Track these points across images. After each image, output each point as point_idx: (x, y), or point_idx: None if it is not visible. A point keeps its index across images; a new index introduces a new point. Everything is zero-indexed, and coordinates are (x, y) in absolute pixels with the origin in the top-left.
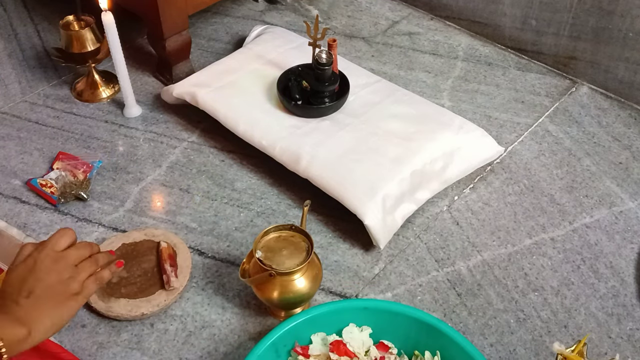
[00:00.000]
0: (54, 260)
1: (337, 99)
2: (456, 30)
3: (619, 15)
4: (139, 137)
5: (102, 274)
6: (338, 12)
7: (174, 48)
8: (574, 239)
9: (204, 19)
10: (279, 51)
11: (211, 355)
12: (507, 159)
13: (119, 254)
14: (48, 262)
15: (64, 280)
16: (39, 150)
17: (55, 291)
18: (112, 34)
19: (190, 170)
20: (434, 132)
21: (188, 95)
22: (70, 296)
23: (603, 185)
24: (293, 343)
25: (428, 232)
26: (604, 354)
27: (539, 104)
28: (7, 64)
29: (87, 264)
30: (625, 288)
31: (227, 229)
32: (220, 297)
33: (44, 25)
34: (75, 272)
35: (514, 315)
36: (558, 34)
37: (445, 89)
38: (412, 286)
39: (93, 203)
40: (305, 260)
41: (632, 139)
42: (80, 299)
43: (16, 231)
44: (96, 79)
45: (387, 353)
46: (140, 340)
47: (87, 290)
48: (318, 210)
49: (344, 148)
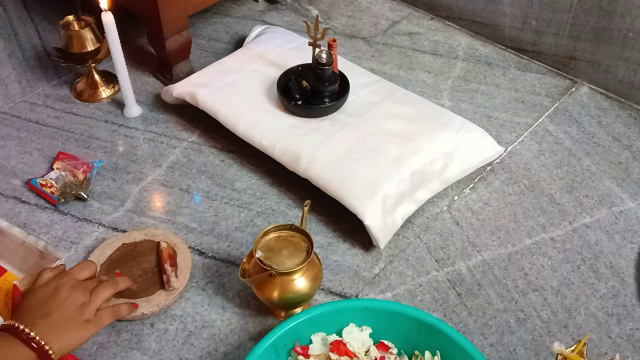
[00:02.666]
0: (72, 287)
1: (337, 99)
2: (456, 30)
3: (619, 15)
4: (139, 137)
5: (119, 308)
6: (338, 12)
7: (174, 48)
8: (574, 239)
9: (204, 19)
10: (279, 51)
11: (211, 355)
12: (507, 159)
13: (119, 254)
14: (67, 289)
15: (78, 306)
16: (39, 150)
17: (69, 317)
18: (112, 34)
19: (190, 170)
20: (434, 132)
21: (188, 95)
22: (82, 323)
23: (603, 185)
24: (293, 343)
25: (428, 232)
26: (604, 354)
27: (539, 104)
28: (7, 64)
29: (103, 288)
30: (625, 288)
31: (227, 229)
32: (220, 297)
33: (44, 25)
34: (90, 300)
35: (514, 315)
36: (558, 34)
37: (445, 89)
38: (412, 286)
39: (93, 203)
40: (305, 260)
41: (632, 139)
42: (91, 328)
43: (18, 230)
44: (96, 79)
45: (387, 353)
46: (140, 340)
47: (100, 321)
48: (318, 210)
49: (344, 148)
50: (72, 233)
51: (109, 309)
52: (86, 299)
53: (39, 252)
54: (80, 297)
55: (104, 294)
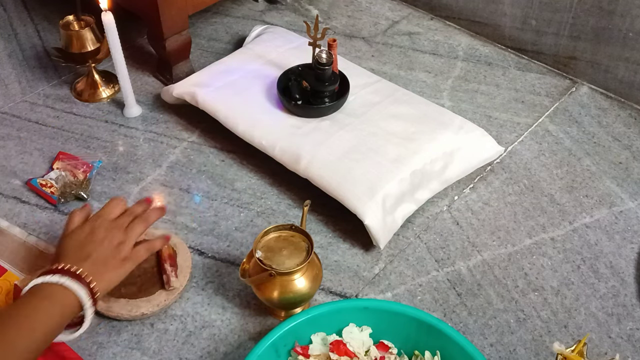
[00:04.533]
0: (107, 228)
1: (337, 99)
2: (456, 30)
3: (619, 15)
4: (139, 137)
5: (153, 243)
6: (338, 12)
7: (174, 48)
8: (574, 239)
9: (204, 19)
10: (279, 51)
11: (211, 355)
12: (507, 159)
13: None
14: (103, 229)
15: (115, 245)
16: (39, 150)
17: (108, 256)
18: (112, 34)
19: (190, 170)
20: (434, 132)
21: (188, 95)
22: (121, 261)
23: (603, 185)
24: (293, 343)
25: (428, 232)
26: (604, 354)
27: (539, 104)
28: (7, 64)
29: (137, 225)
30: (625, 288)
31: (227, 229)
32: (220, 297)
33: (44, 25)
34: (126, 237)
35: (514, 315)
36: (558, 34)
37: (445, 89)
38: (412, 286)
39: (93, 203)
40: (305, 260)
41: (632, 139)
42: (129, 264)
43: (19, 230)
44: (96, 79)
45: (387, 353)
46: (140, 340)
47: (137, 256)
48: (318, 210)
49: (344, 148)
50: None
51: (144, 244)
52: (122, 237)
53: (39, 252)
54: (116, 237)
55: (138, 231)
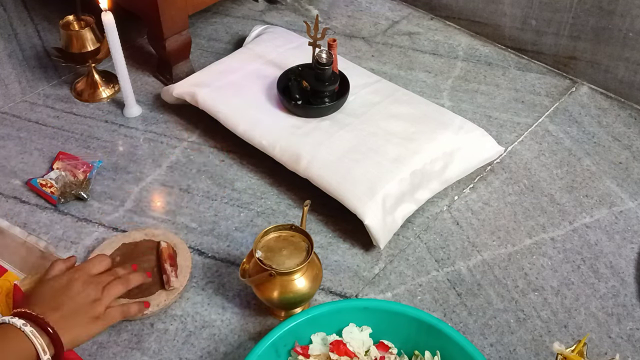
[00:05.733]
0: (85, 282)
1: (337, 99)
2: (456, 30)
3: (619, 15)
4: (139, 137)
5: (129, 307)
6: (338, 12)
7: (174, 48)
8: (574, 238)
9: (204, 19)
10: (279, 51)
11: (211, 355)
12: (507, 159)
13: (119, 254)
14: (80, 283)
15: (89, 302)
16: (39, 150)
17: (80, 311)
18: (112, 34)
19: (190, 170)
20: (434, 132)
21: (188, 95)
22: (92, 318)
23: (603, 185)
24: (293, 343)
25: (428, 232)
26: (604, 354)
27: (539, 104)
28: (7, 64)
29: (116, 285)
30: (625, 288)
31: (227, 229)
32: (220, 297)
33: (44, 25)
34: (102, 296)
35: (514, 315)
36: (558, 34)
37: (445, 89)
38: (412, 286)
39: (93, 203)
40: (305, 260)
41: (632, 139)
42: (100, 324)
43: (19, 230)
44: (96, 78)
45: (387, 353)
46: (140, 340)
47: (110, 317)
48: (318, 210)
49: (344, 148)
50: (72, 233)
51: (119, 307)
52: (98, 295)
53: (40, 252)
54: (92, 293)
55: (116, 292)
